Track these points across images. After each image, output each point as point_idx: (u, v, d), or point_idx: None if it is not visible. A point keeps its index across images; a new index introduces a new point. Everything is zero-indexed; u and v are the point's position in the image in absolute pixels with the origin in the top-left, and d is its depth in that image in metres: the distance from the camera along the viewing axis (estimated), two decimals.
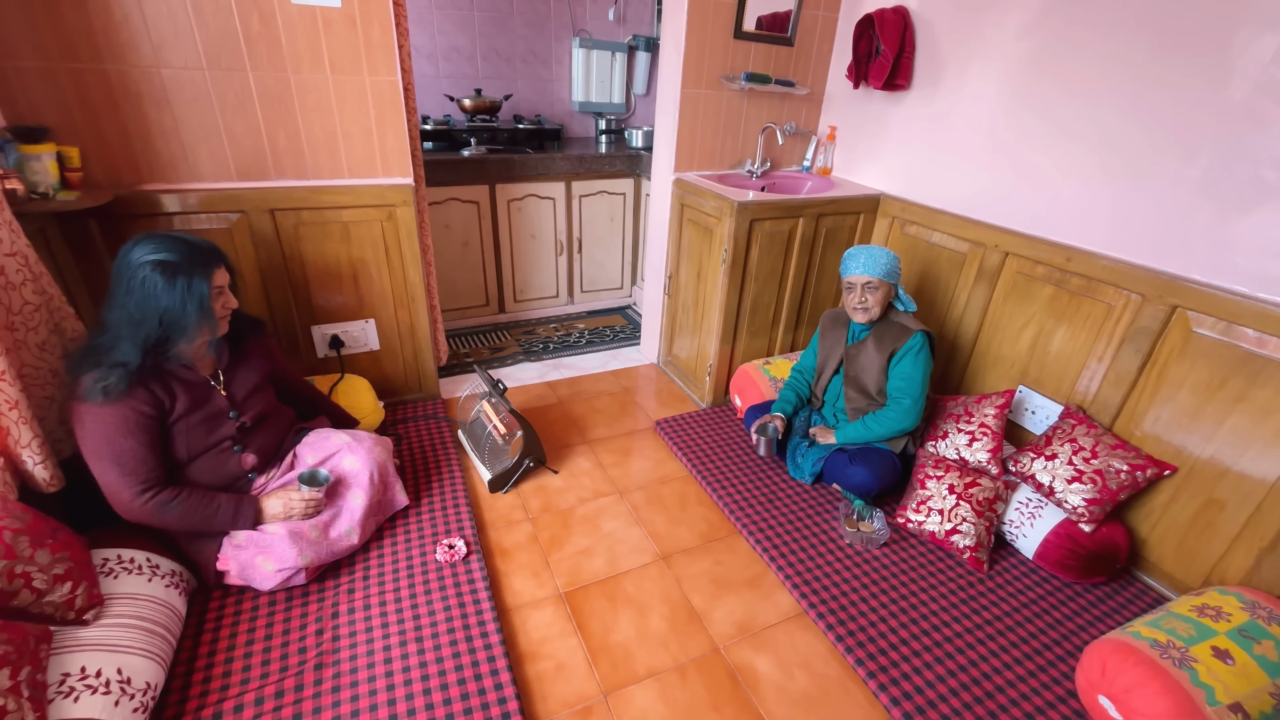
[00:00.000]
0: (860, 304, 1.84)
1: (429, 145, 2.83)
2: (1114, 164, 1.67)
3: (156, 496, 1.32)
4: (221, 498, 1.41)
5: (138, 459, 1.30)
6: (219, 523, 1.40)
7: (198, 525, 1.38)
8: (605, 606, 1.57)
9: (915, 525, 1.79)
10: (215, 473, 1.45)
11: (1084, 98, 1.70)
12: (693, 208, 2.33)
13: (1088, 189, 1.74)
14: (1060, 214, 1.82)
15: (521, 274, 3.07)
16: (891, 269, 1.81)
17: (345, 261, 2.00)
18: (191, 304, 1.29)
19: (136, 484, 1.30)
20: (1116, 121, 1.64)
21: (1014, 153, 1.91)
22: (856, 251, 1.84)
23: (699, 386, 2.52)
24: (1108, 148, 1.67)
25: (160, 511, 1.32)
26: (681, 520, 1.88)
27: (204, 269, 1.32)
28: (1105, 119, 1.67)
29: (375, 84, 1.83)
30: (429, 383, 2.36)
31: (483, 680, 1.32)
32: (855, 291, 1.84)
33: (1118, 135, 1.65)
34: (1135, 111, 1.60)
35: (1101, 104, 1.67)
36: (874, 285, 1.81)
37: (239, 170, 1.78)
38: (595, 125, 3.42)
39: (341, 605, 1.47)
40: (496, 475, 1.94)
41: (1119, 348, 1.71)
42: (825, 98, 2.55)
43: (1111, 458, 1.64)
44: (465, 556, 1.63)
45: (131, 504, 1.30)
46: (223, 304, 1.38)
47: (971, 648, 1.48)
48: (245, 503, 1.43)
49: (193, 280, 1.29)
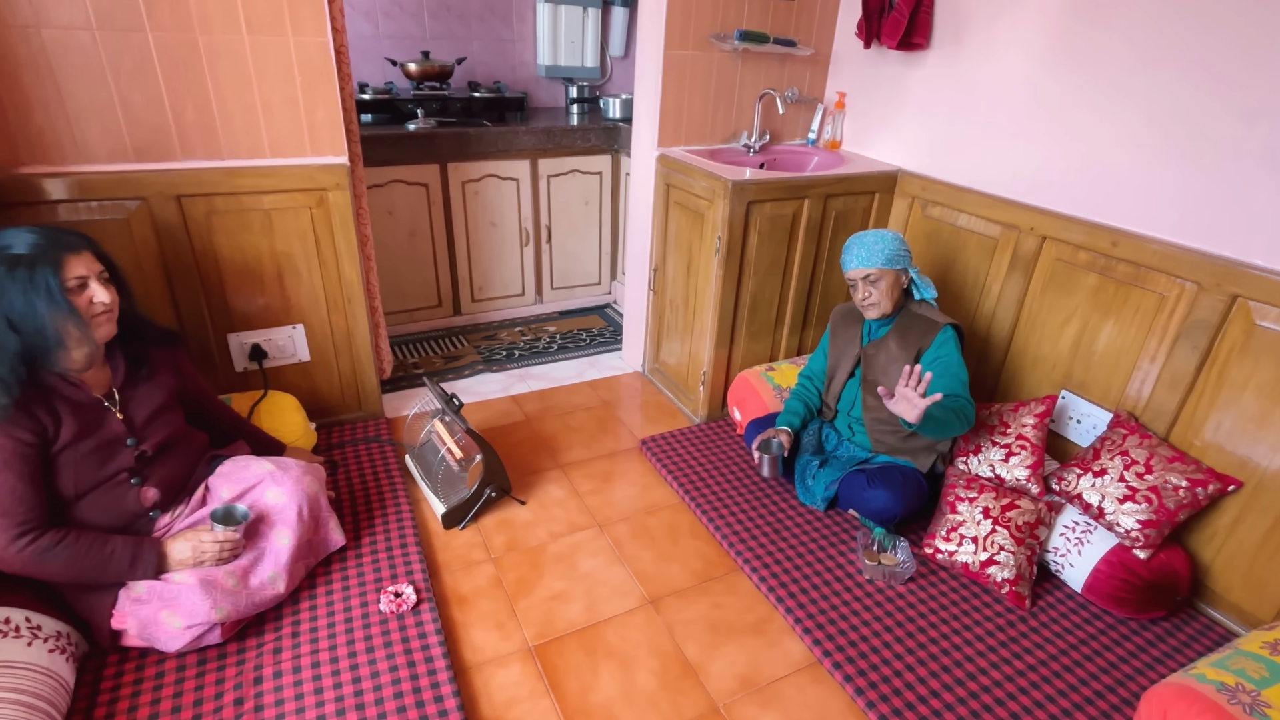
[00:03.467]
0: (866, 300, 1.87)
1: (367, 118, 2.82)
2: (1164, 135, 1.71)
3: (36, 541, 1.29)
4: (116, 541, 1.38)
5: (15, 496, 1.27)
6: (113, 571, 1.37)
7: (88, 575, 1.35)
8: (583, 661, 1.56)
9: (945, 556, 1.80)
10: (109, 511, 1.42)
11: (1129, 60, 1.74)
12: (680, 189, 2.34)
13: (1135, 163, 1.78)
14: (1104, 192, 1.85)
15: (480, 269, 3.06)
16: (893, 254, 1.83)
17: (268, 256, 1.98)
18: (39, 299, 1.25)
19: (12, 526, 1.27)
20: (1166, 87, 1.68)
21: (1050, 122, 1.94)
22: (852, 242, 1.87)
23: (691, 398, 2.53)
24: (1156, 117, 1.71)
25: (41, 559, 1.29)
26: (672, 556, 1.88)
27: (50, 256, 1.28)
28: (1153, 84, 1.70)
29: (301, 46, 1.82)
30: (370, 400, 2.34)
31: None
32: (858, 287, 1.87)
33: (1167, 102, 1.69)
34: (1186, 75, 1.64)
35: (1149, 67, 1.71)
36: (874, 277, 1.83)
37: (138, 150, 1.76)
38: (565, 93, 3.42)
39: (266, 668, 1.45)
40: (452, 508, 1.92)
41: (1173, 344, 1.74)
42: (832, 59, 2.58)
43: (1168, 472, 1.67)
44: (415, 606, 1.62)
45: (6, 550, 1.27)
46: (88, 299, 1.33)
47: (1013, 698, 1.49)
48: (145, 546, 1.41)
49: (35, 270, 1.25)
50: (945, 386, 1.80)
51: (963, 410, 1.72)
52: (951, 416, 1.70)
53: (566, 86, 3.40)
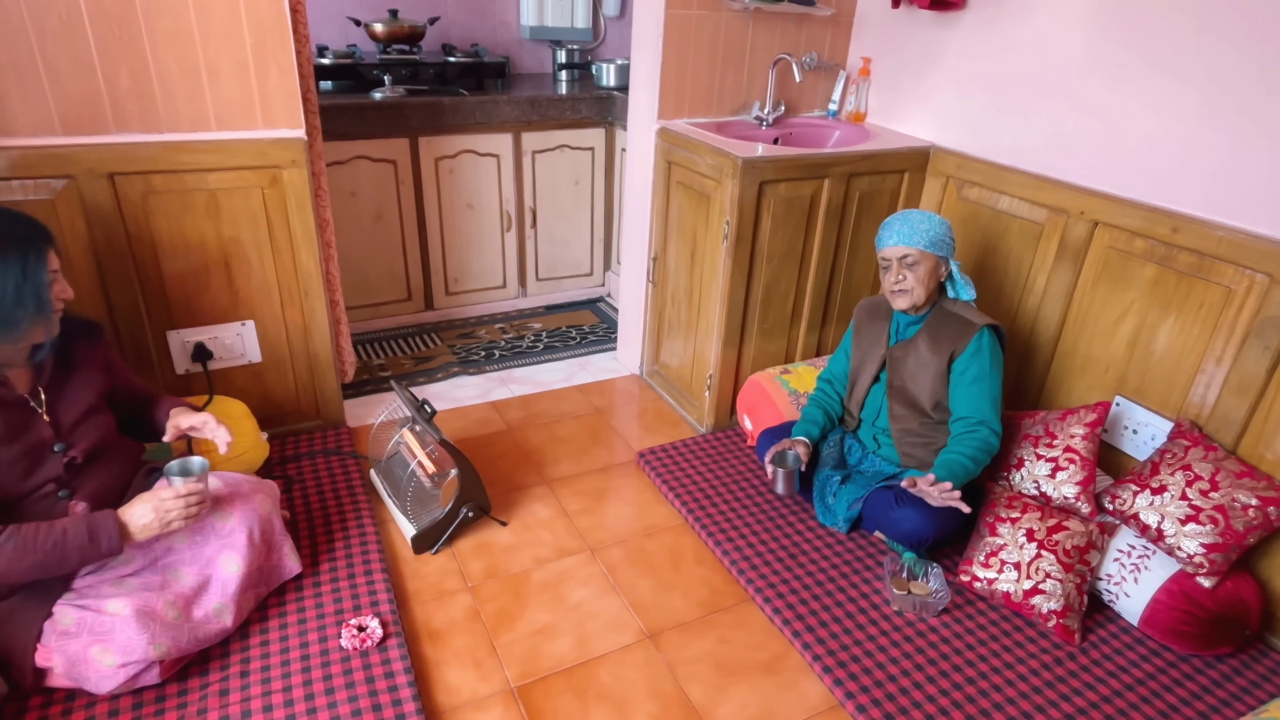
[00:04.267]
0: (898, 284, 1.86)
1: (328, 85, 2.82)
2: (1230, 106, 1.71)
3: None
4: (64, 521, 1.37)
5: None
6: (73, 552, 1.35)
7: (49, 564, 1.34)
8: (573, 704, 1.56)
9: (984, 584, 1.80)
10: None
11: (1192, 20, 1.74)
12: (683, 166, 2.34)
13: (1197, 139, 1.78)
14: (1164, 172, 1.86)
15: (456, 257, 3.06)
16: (937, 238, 1.84)
17: (213, 243, 1.98)
18: (28, 291, 1.29)
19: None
20: (1233, 50, 1.69)
21: (1103, 93, 1.95)
22: (893, 219, 1.88)
23: (695, 405, 2.53)
24: (1222, 85, 1.71)
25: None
26: (674, 585, 1.88)
27: (38, 246, 1.32)
28: (1219, 47, 1.71)
29: (252, 4, 1.81)
30: (330, 406, 2.34)
31: None
32: (891, 269, 1.87)
33: (1235, 68, 1.69)
34: (1256, 35, 1.64)
35: (1214, 28, 1.71)
36: (912, 259, 1.84)
37: (65, 121, 1.76)
38: (552, 58, 3.43)
39: (211, 712, 1.44)
40: (423, 530, 1.92)
41: (1242, 344, 1.74)
42: (856, 20, 2.59)
43: (1236, 489, 1.67)
44: (381, 641, 1.61)
45: None
46: (58, 293, 1.38)
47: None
48: (99, 518, 1.39)
49: (27, 260, 1.29)
50: (972, 408, 1.82)
51: (981, 447, 1.79)
52: (972, 465, 1.78)
53: (554, 50, 3.40)
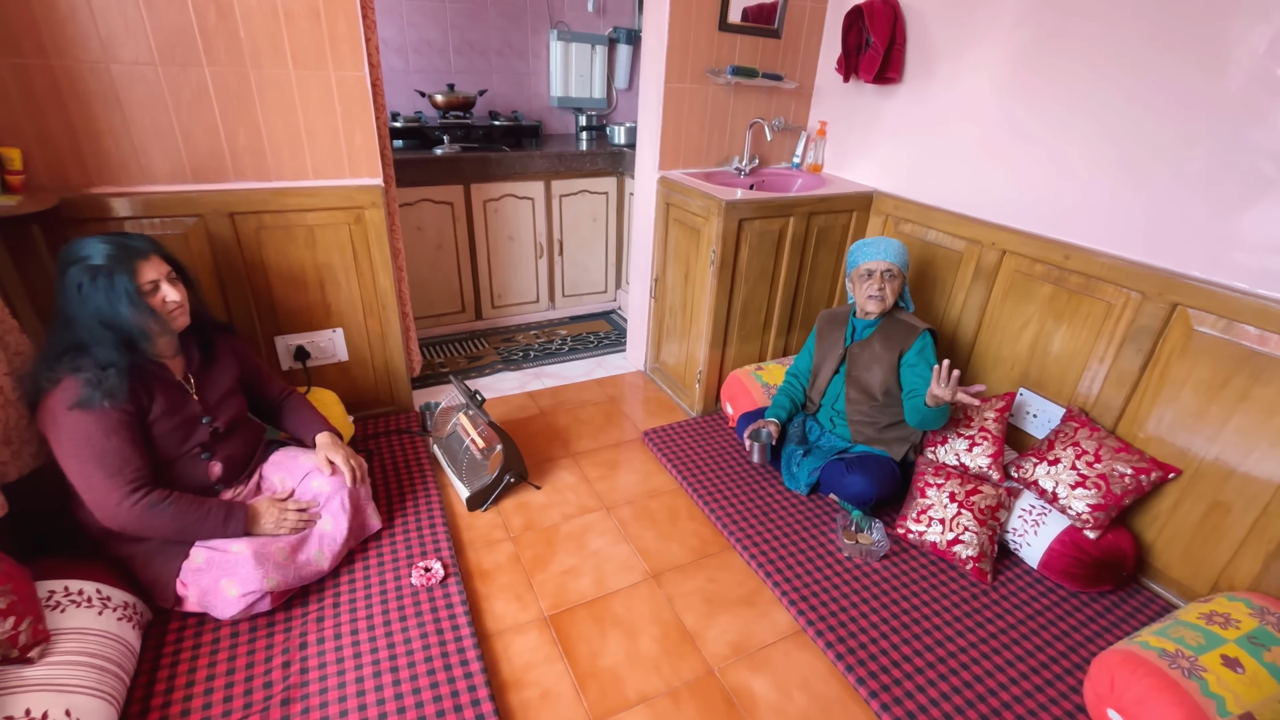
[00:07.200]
0: (878, 292, 1.87)
1: (399, 143, 2.82)
2: (1111, 158, 1.71)
3: (147, 496, 1.32)
4: (211, 501, 1.42)
5: (123, 458, 1.30)
6: (209, 527, 1.40)
7: (189, 530, 1.38)
8: (593, 629, 1.57)
9: (916, 536, 1.81)
10: (183, 481, 1.45)
11: (1080, 90, 1.74)
12: (679, 207, 2.35)
13: (1085, 184, 1.78)
14: (1058, 210, 1.86)
15: (499, 278, 3.06)
16: (906, 259, 1.88)
17: (310, 267, 1.99)
18: (119, 302, 1.29)
19: (124, 484, 1.30)
20: (1113, 114, 1.69)
21: (1009, 147, 1.95)
22: (874, 241, 1.89)
23: (688, 394, 2.53)
24: (1105, 141, 1.72)
25: (150, 514, 1.32)
26: (672, 536, 1.89)
27: (125, 264, 1.31)
28: (1102, 112, 1.71)
29: (341, 79, 1.82)
30: (402, 395, 2.34)
31: (463, 711, 1.30)
32: (874, 279, 1.87)
33: (1115, 128, 1.69)
34: (1132, 103, 1.65)
35: (1098, 96, 1.71)
36: (893, 273, 1.85)
37: (195, 172, 1.77)
38: (575, 121, 3.43)
39: (310, 635, 1.45)
40: (475, 492, 1.93)
41: (1120, 347, 1.74)
42: (815, 92, 2.59)
43: (1115, 461, 1.68)
44: (443, 580, 1.62)
45: (119, 506, 1.30)
46: (162, 298, 1.37)
47: (976, 663, 1.49)
48: (235, 509, 1.45)
49: (114, 277, 1.29)
50: (918, 386, 1.81)
51: (945, 410, 1.76)
52: (940, 414, 1.76)
53: (577, 115, 3.40)
